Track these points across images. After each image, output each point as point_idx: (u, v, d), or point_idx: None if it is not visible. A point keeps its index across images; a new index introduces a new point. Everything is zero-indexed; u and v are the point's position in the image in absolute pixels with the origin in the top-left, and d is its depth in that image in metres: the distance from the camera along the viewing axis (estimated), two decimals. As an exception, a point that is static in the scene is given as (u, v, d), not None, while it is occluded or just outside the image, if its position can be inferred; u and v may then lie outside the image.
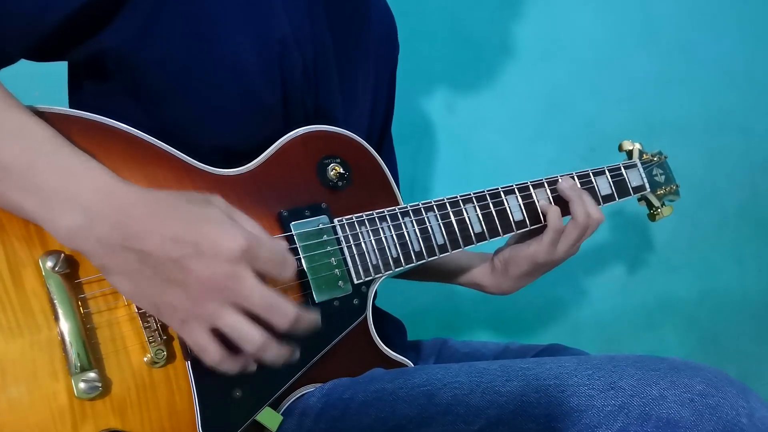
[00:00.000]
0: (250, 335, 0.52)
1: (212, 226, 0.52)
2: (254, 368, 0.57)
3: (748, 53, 1.59)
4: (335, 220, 0.71)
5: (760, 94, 1.60)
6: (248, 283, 0.51)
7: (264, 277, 0.53)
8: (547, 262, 0.84)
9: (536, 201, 0.85)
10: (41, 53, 0.63)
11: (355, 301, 0.71)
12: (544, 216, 0.84)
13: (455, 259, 0.92)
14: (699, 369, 0.55)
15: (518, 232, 0.84)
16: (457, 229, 0.78)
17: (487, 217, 0.81)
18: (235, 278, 0.51)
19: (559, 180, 0.86)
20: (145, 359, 0.58)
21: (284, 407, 0.66)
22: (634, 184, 0.95)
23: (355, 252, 0.71)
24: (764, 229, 1.62)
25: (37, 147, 0.53)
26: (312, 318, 0.55)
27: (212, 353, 0.53)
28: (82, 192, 0.52)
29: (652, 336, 1.56)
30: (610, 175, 0.92)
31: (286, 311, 0.53)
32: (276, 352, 0.54)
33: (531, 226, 0.84)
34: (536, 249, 0.83)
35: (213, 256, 0.51)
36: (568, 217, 0.85)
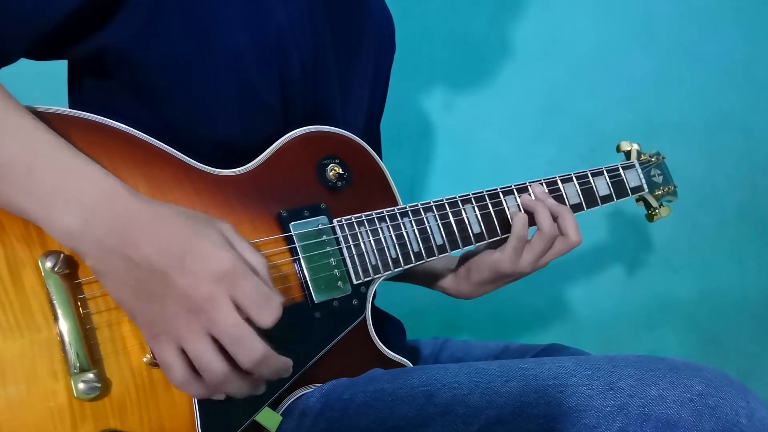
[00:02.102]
0: (212, 366, 0.51)
1: (203, 243, 0.51)
2: (221, 398, 0.55)
3: (748, 53, 1.59)
4: (334, 221, 0.71)
5: (760, 94, 1.60)
6: (222, 309, 0.50)
7: (244, 311, 0.51)
8: (512, 272, 0.81)
9: None
10: (41, 52, 0.63)
11: (355, 302, 0.71)
12: (512, 221, 0.80)
13: (432, 264, 0.90)
14: (698, 369, 0.55)
15: (504, 236, 0.82)
16: (456, 229, 0.78)
17: (486, 217, 0.81)
18: (211, 301, 0.50)
19: (529, 188, 0.83)
20: (145, 360, 0.58)
21: (283, 407, 0.66)
22: (632, 184, 0.95)
23: (354, 252, 0.71)
24: (764, 229, 1.62)
25: (37, 147, 0.53)
26: (281, 363, 0.54)
27: (176, 373, 0.52)
28: (81, 193, 0.52)
29: (652, 336, 1.57)
30: (609, 176, 0.92)
31: (253, 349, 0.51)
32: (238, 388, 0.53)
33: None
34: (499, 257, 0.80)
35: (194, 273, 0.50)
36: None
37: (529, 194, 0.83)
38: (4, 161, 0.52)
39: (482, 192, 0.81)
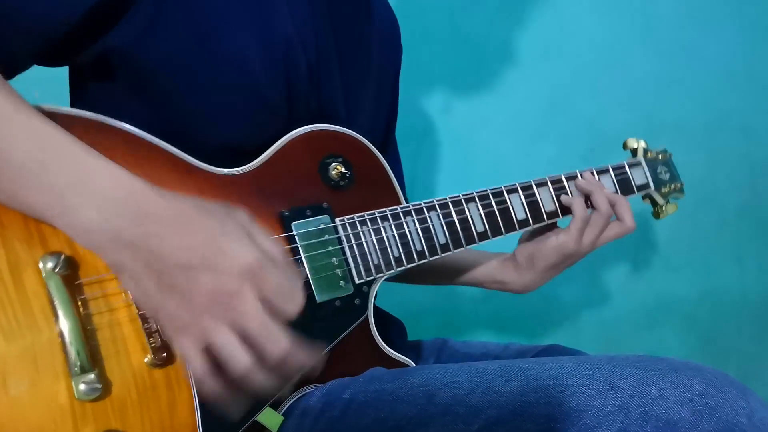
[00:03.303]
0: (239, 356, 0.51)
1: (227, 241, 0.51)
2: (232, 400, 0.55)
3: (748, 53, 1.59)
4: (337, 220, 0.71)
5: (760, 94, 1.60)
6: (249, 303, 0.51)
7: (269, 304, 0.52)
8: (574, 252, 0.85)
9: (539, 200, 0.85)
10: (50, 57, 0.63)
11: (357, 301, 0.71)
12: (569, 207, 0.85)
13: (464, 259, 0.92)
14: (699, 369, 0.55)
15: (521, 230, 0.84)
16: (459, 228, 0.78)
17: (490, 216, 0.81)
18: (237, 296, 0.50)
19: (578, 177, 0.88)
20: (146, 360, 0.58)
21: (285, 407, 0.66)
22: (639, 182, 0.94)
23: (356, 252, 0.71)
24: (764, 229, 1.62)
25: (48, 145, 0.52)
26: (306, 358, 0.54)
27: (197, 367, 0.52)
28: (97, 189, 0.51)
29: (652, 336, 1.56)
30: (614, 174, 0.92)
31: (279, 341, 0.52)
32: (261, 382, 0.53)
33: (534, 224, 0.84)
34: (565, 239, 0.84)
35: (220, 271, 0.50)
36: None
37: (560, 186, 0.87)
38: (16, 162, 0.51)
39: (486, 190, 0.81)
